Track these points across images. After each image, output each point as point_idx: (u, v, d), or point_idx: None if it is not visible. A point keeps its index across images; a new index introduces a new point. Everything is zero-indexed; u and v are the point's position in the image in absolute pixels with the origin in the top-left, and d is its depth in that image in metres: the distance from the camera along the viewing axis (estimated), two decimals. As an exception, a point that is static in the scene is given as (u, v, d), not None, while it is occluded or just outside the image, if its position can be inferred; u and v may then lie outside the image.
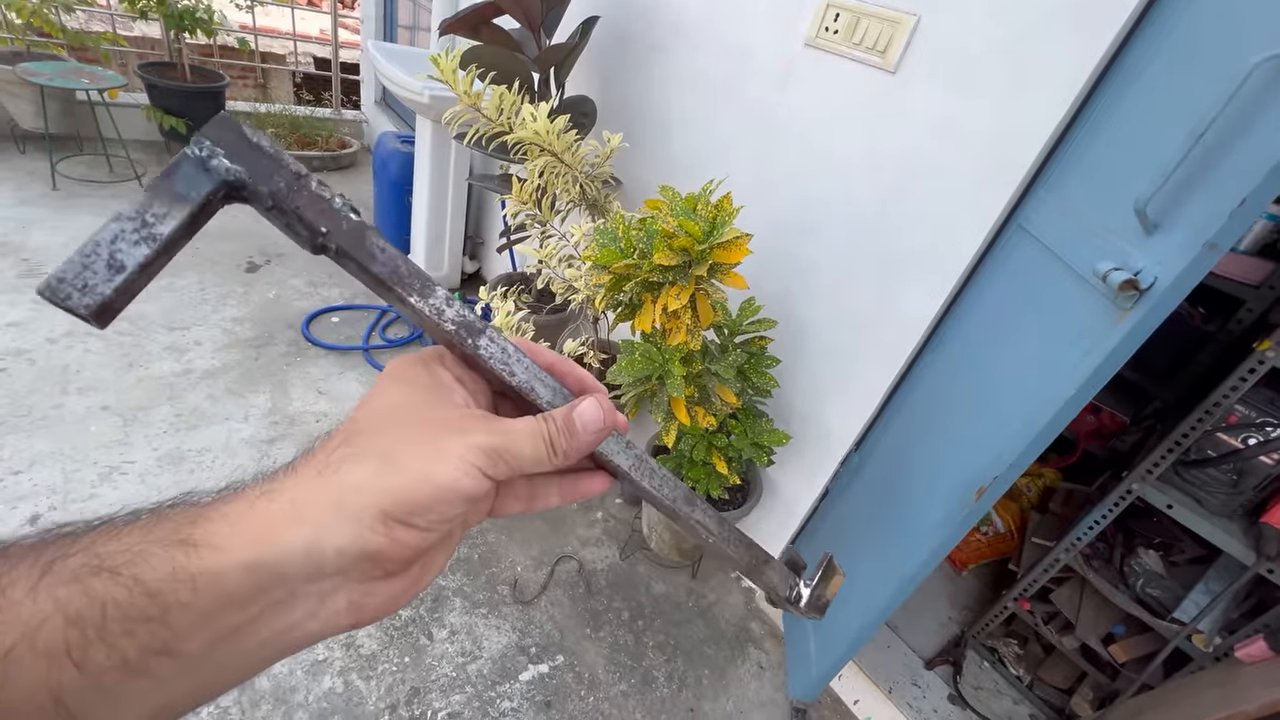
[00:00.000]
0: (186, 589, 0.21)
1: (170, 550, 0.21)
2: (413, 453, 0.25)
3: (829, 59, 1.32)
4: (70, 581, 0.19)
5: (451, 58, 1.39)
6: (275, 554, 0.22)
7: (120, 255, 0.22)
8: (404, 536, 0.24)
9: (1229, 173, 0.71)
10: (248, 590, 0.22)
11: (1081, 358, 0.85)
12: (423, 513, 0.25)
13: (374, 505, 0.24)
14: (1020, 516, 1.94)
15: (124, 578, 0.20)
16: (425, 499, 0.24)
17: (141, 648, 0.20)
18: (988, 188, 1.12)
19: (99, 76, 2.79)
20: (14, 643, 0.18)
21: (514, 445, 0.27)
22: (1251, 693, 1.10)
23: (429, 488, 0.25)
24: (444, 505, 0.25)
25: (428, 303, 0.28)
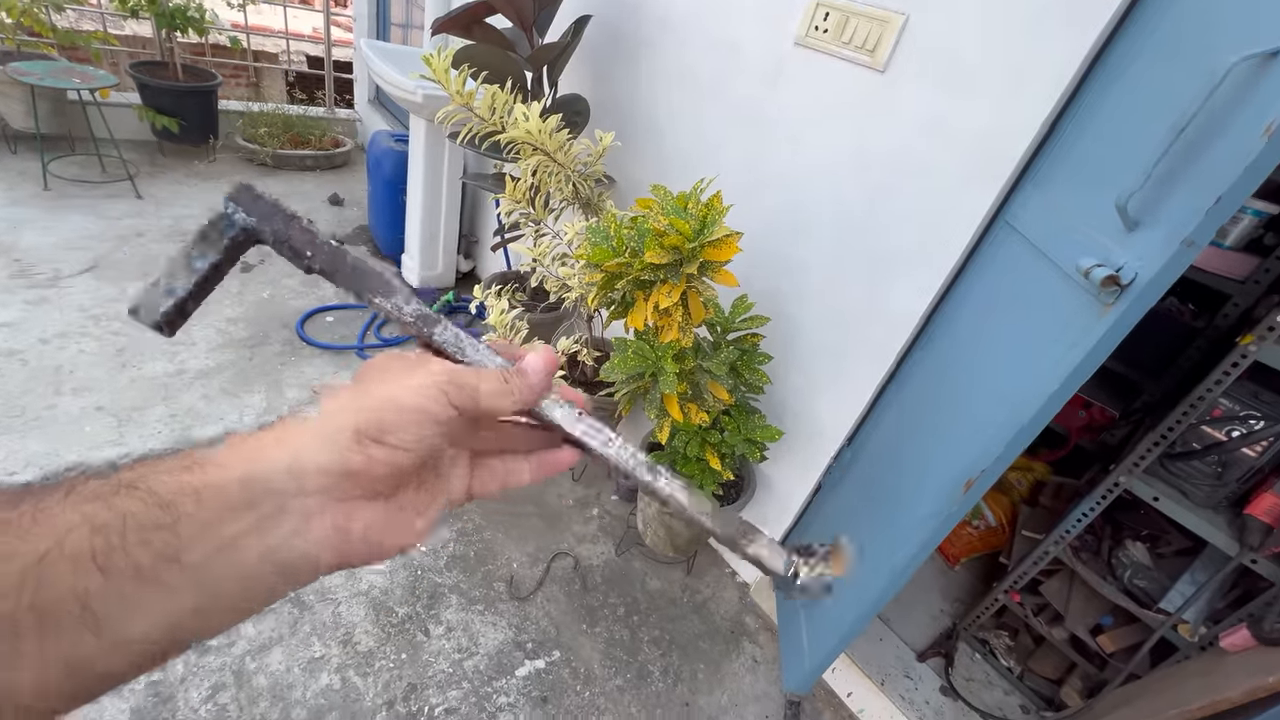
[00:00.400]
0: (192, 500, 0.24)
1: (178, 473, 0.24)
2: (383, 385, 0.29)
3: (818, 58, 1.33)
4: (94, 498, 0.22)
5: (444, 57, 1.40)
6: (263, 469, 0.25)
7: (173, 284, 0.32)
8: (378, 454, 0.27)
9: (1206, 171, 0.72)
10: (242, 501, 0.25)
11: (1065, 352, 0.87)
12: (394, 430, 0.27)
13: (348, 425, 0.27)
14: (1011, 510, 1.96)
15: (140, 491, 0.23)
16: (394, 418, 0.27)
17: (155, 555, 0.22)
18: (976, 186, 1.13)
19: (90, 76, 2.78)
20: (48, 549, 0.21)
21: (472, 379, 0.31)
22: (1235, 680, 1.12)
23: (395, 406, 0.28)
24: (413, 424, 0.28)
25: (390, 301, 0.34)
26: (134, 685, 1.27)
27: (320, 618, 1.47)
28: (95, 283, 2.33)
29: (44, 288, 2.24)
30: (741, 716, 1.51)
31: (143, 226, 2.74)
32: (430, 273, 2.77)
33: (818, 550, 0.37)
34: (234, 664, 1.35)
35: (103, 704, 1.23)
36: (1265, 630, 1.10)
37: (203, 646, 1.36)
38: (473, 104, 1.42)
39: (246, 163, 3.57)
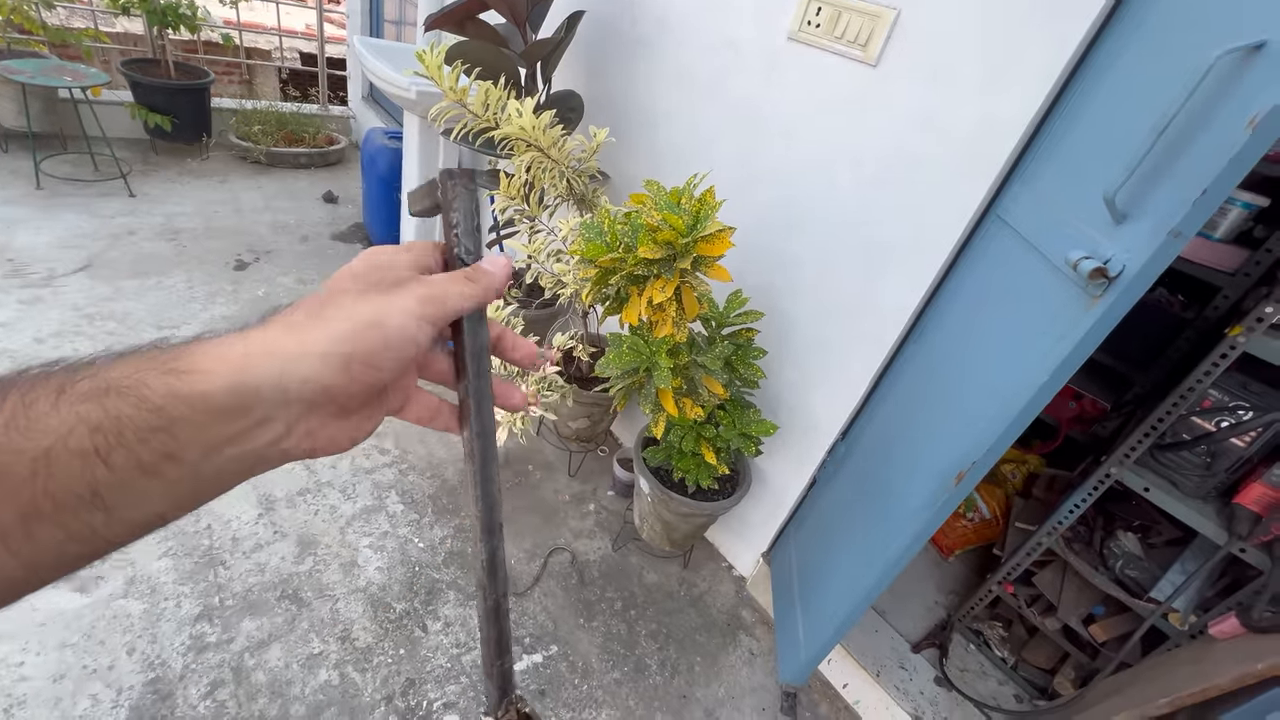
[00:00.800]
0: (184, 405, 0.25)
1: (165, 377, 0.25)
2: (370, 307, 0.29)
3: (811, 53, 1.33)
4: (85, 399, 0.23)
5: (437, 53, 1.40)
6: (252, 380, 0.26)
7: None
8: (361, 375, 0.28)
9: (1191, 163, 0.73)
10: (232, 409, 0.26)
11: (1054, 344, 0.88)
12: (380, 356, 0.29)
13: (338, 348, 0.28)
14: (1005, 502, 1.98)
15: (131, 396, 0.24)
16: (381, 345, 0.29)
17: (154, 452, 0.24)
18: (967, 179, 1.14)
19: (81, 74, 2.77)
20: (50, 445, 0.22)
21: (441, 288, 0.32)
22: (1224, 667, 1.13)
23: (383, 334, 0.29)
24: (396, 350, 0.29)
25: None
26: (131, 683, 1.28)
27: (318, 614, 1.48)
28: (89, 282, 2.33)
29: (38, 287, 2.24)
30: (738, 708, 1.52)
31: (136, 225, 2.73)
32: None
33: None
34: (232, 660, 1.35)
35: (100, 698, 1.24)
36: (1254, 618, 1.12)
37: (201, 644, 1.37)
38: (466, 100, 1.42)
39: (240, 160, 3.56)
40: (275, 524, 1.66)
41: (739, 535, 1.86)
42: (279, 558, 1.58)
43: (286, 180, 3.50)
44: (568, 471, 2.06)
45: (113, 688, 1.26)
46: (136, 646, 1.34)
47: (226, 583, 1.50)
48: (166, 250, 2.62)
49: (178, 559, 1.52)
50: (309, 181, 3.55)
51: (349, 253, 2.94)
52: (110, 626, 1.36)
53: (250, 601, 1.47)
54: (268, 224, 3.00)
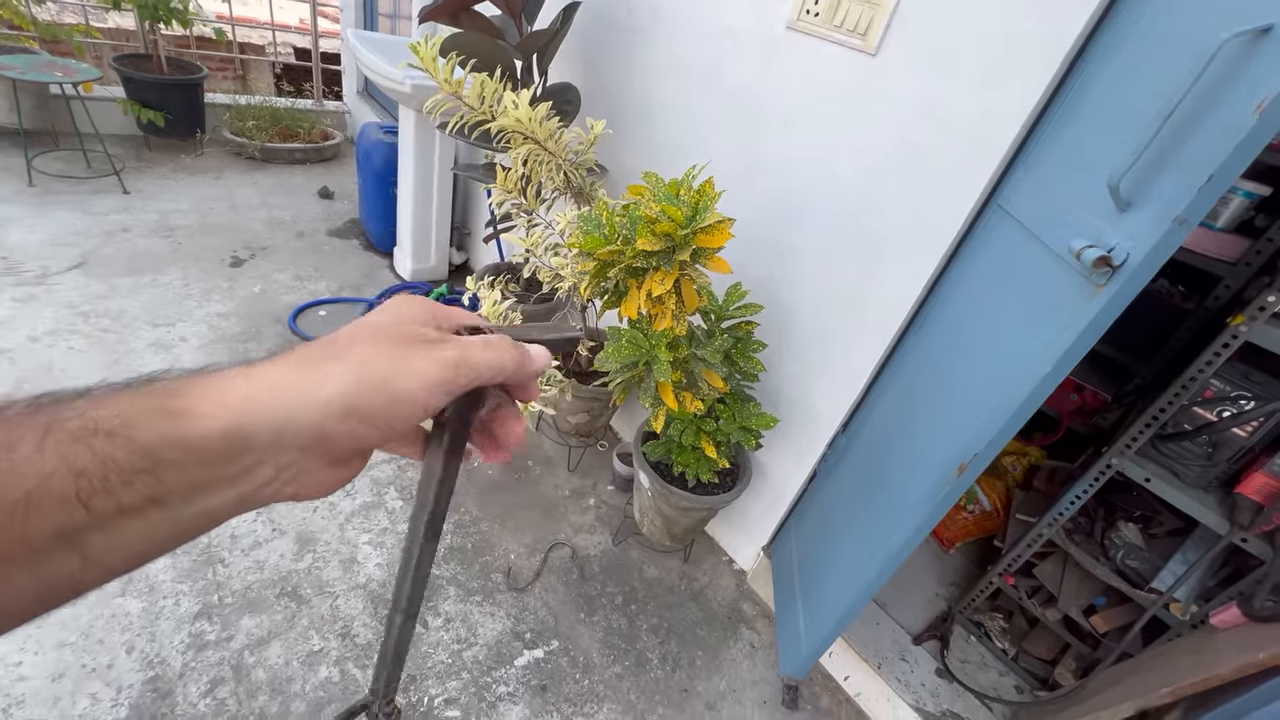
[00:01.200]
0: (175, 450, 0.24)
1: (158, 418, 0.24)
2: (384, 363, 0.28)
3: (810, 42, 1.32)
4: (73, 441, 0.22)
5: (431, 45, 1.38)
6: (249, 425, 0.25)
7: None
8: (359, 430, 0.28)
9: (1197, 149, 0.72)
10: (224, 454, 0.25)
11: (1057, 334, 0.87)
12: (382, 415, 0.28)
13: (340, 400, 0.27)
14: (1005, 494, 1.98)
15: (120, 439, 0.23)
16: (384, 403, 0.28)
17: (137, 495, 0.23)
18: (968, 169, 1.13)
19: (73, 69, 2.74)
20: (31, 489, 0.21)
21: (472, 355, 0.31)
22: (1226, 656, 1.13)
23: (390, 393, 0.28)
24: (402, 413, 0.28)
25: None
26: (130, 681, 1.27)
27: (318, 611, 1.48)
28: (84, 279, 2.31)
29: (32, 285, 2.22)
30: (740, 701, 1.52)
31: (130, 222, 2.72)
32: (423, 265, 2.75)
33: None
34: (232, 658, 1.35)
35: (99, 697, 1.23)
36: (1256, 607, 1.12)
37: (200, 642, 1.36)
38: (461, 92, 1.41)
39: (235, 157, 3.54)
40: (274, 521, 1.65)
41: (739, 529, 1.85)
42: (278, 555, 1.58)
43: (282, 176, 3.48)
44: (567, 466, 2.06)
45: (112, 686, 1.26)
46: (135, 645, 1.33)
47: (225, 580, 1.49)
48: (161, 247, 2.60)
49: (176, 557, 1.51)
50: (304, 177, 3.52)
51: (345, 248, 2.93)
52: (109, 625, 1.35)
53: (249, 599, 1.47)
54: (263, 220, 2.98)
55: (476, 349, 0.31)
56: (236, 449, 0.25)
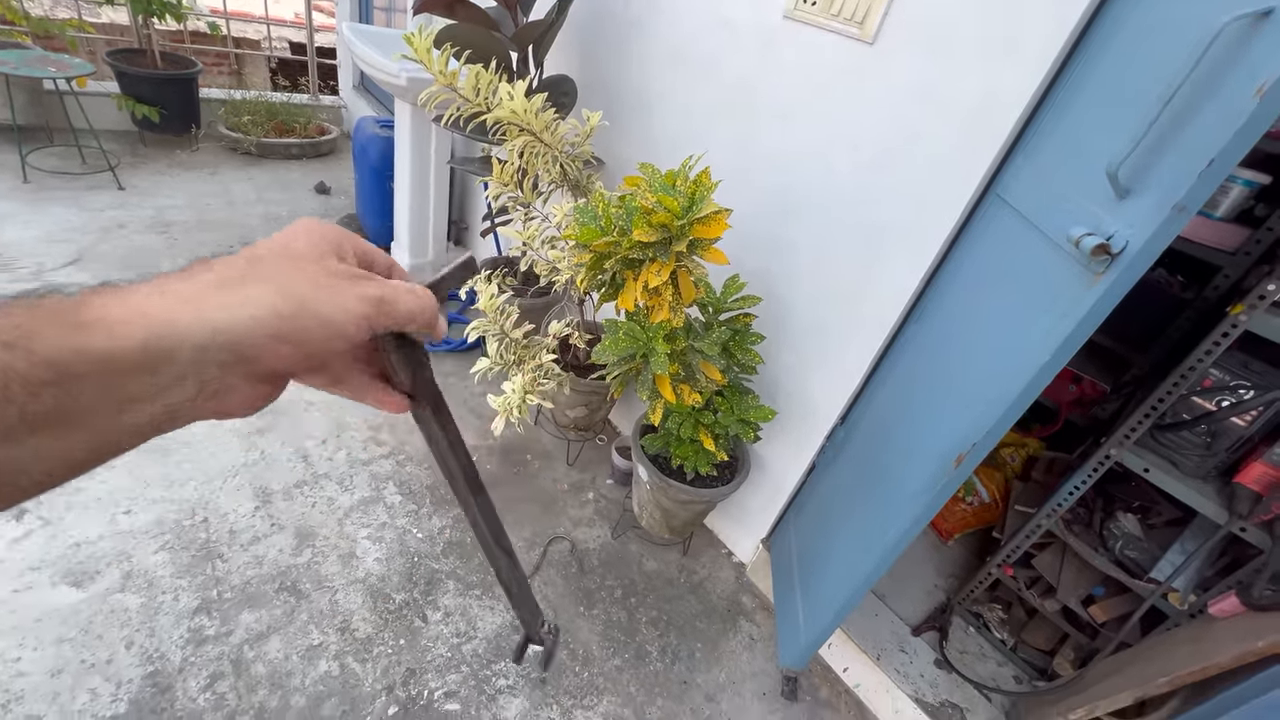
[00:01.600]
0: (87, 362, 0.23)
1: (62, 330, 0.23)
2: (310, 289, 0.28)
3: (807, 31, 1.31)
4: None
5: (426, 37, 1.37)
6: (170, 338, 0.25)
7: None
8: (283, 351, 0.28)
9: (1197, 135, 0.71)
10: (142, 367, 0.24)
11: (1056, 323, 0.87)
12: (306, 340, 0.28)
13: (269, 321, 0.27)
14: (1004, 485, 1.98)
15: (19, 350, 0.21)
16: (312, 328, 0.28)
17: (44, 408, 0.22)
18: (967, 158, 1.12)
19: (66, 64, 2.72)
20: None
21: (396, 296, 0.31)
22: (1224, 645, 1.13)
23: (317, 320, 0.28)
24: (325, 339, 0.29)
25: None
26: (130, 676, 1.27)
27: (317, 606, 1.48)
28: (80, 276, 2.30)
29: (27, 282, 2.21)
30: (739, 693, 1.52)
31: (125, 218, 2.70)
32: (420, 260, 2.74)
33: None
34: (232, 653, 1.35)
35: (99, 692, 1.23)
36: (1255, 596, 1.12)
37: (200, 637, 1.36)
38: (457, 84, 1.40)
39: (231, 152, 3.52)
40: (272, 516, 1.65)
41: (738, 521, 1.85)
42: (277, 550, 1.57)
43: (278, 171, 3.46)
44: (566, 460, 2.06)
45: (112, 681, 1.26)
46: (135, 640, 1.33)
47: (224, 575, 1.49)
48: (158, 243, 2.59)
49: (174, 552, 1.51)
50: (301, 172, 3.51)
51: (342, 244, 2.91)
52: (108, 621, 1.35)
53: (248, 594, 1.47)
54: (260, 216, 2.97)
55: (402, 293, 0.32)
56: (156, 362, 0.24)
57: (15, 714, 1.18)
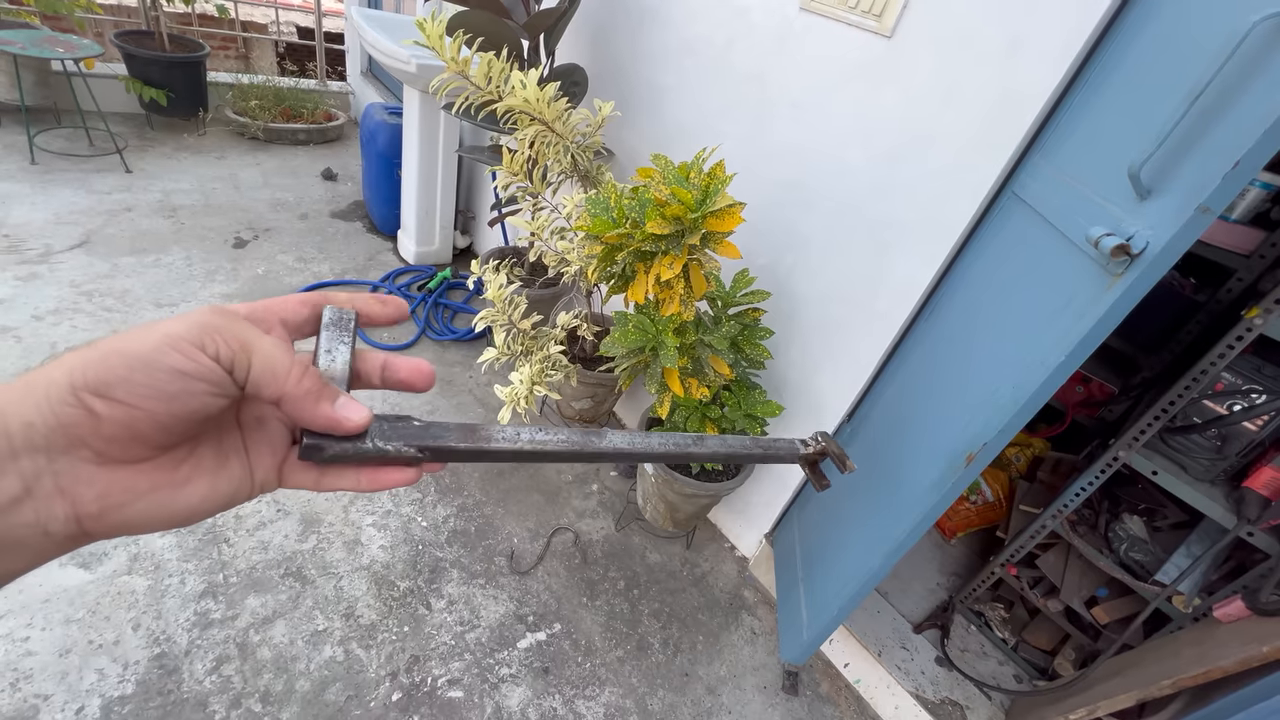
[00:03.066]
0: None
1: None
2: (122, 337, 0.25)
3: (824, 23, 1.29)
4: None
5: (438, 23, 1.36)
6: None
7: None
8: (101, 408, 0.23)
9: (1224, 135, 0.70)
10: None
11: (1072, 324, 0.86)
12: (117, 384, 0.23)
13: (64, 379, 0.23)
14: (1009, 485, 1.97)
15: None
16: (119, 368, 0.24)
17: None
18: (983, 154, 1.11)
19: (74, 45, 2.71)
20: None
21: (246, 334, 0.26)
22: (1229, 649, 1.13)
23: (124, 355, 0.24)
24: (141, 375, 0.24)
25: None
26: (137, 658, 1.28)
27: (322, 592, 1.48)
28: (87, 258, 2.30)
29: (35, 263, 2.21)
30: (740, 686, 1.53)
31: (132, 201, 2.70)
32: (427, 248, 2.73)
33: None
34: (238, 637, 1.36)
35: (106, 672, 1.24)
36: (1261, 601, 1.11)
37: (206, 620, 1.37)
38: (468, 72, 1.38)
39: (238, 136, 3.51)
40: (278, 502, 1.66)
41: (742, 515, 1.86)
42: (282, 535, 1.58)
43: (285, 157, 3.45)
44: (570, 452, 2.06)
45: (119, 662, 1.27)
46: (141, 622, 1.34)
47: (230, 560, 1.50)
48: (164, 227, 2.59)
49: (181, 536, 1.52)
50: (308, 158, 3.50)
51: (349, 231, 2.91)
52: (115, 602, 1.36)
53: (254, 579, 1.47)
54: (266, 201, 2.96)
55: (255, 333, 0.27)
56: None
57: (24, 692, 1.19)
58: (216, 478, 0.29)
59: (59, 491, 0.24)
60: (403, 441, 0.32)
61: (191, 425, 0.26)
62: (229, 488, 0.29)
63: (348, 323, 0.32)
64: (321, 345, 0.31)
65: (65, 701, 1.19)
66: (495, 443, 0.34)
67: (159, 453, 0.26)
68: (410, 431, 0.32)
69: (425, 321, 2.41)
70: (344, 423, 0.29)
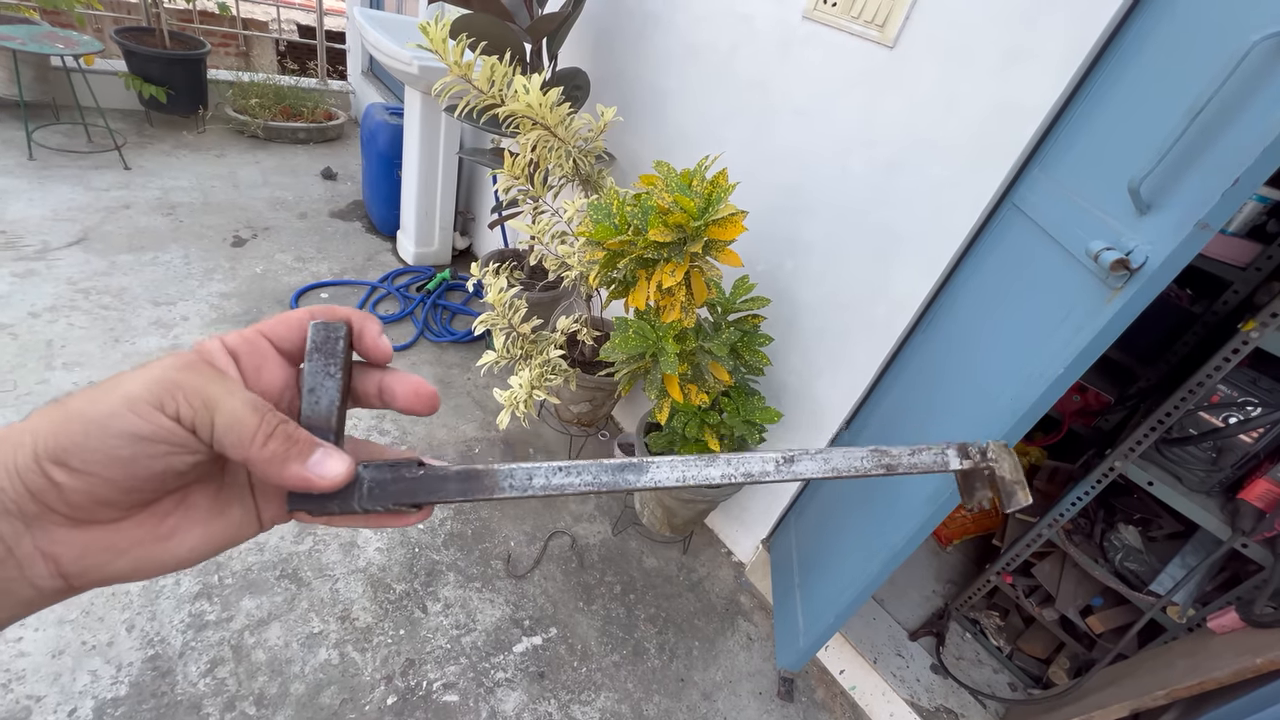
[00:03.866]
0: None
1: None
2: (87, 394, 0.24)
3: (827, 32, 1.30)
4: None
5: (441, 26, 1.36)
6: None
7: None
8: (58, 476, 0.23)
9: (1223, 152, 0.71)
10: None
11: (1071, 336, 0.86)
12: (74, 451, 0.23)
13: (29, 444, 0.23)
14: (1005, 493, 1.98)
15: None
16: (76, 434, 0.23)
17: None
18: (984, 166, 1.12)
19: (74, 41, 2.70)
20: None
21: (210, 391, 0.25)
22: (1223, 660, 1.14)
23: (83, 421, 0.23)
24: (95, 441, 0.23)
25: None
26: (130, 660, 1.28)
27: (318, 594, 1.48)
28: (84, 255, 2.29)
29: (32, 260, 2.20)
30: (736, 692, 1.53)
31: (131, 198, 2.69)
32: (426, 250, 2.73)
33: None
34: (232, 639, 1.35)
35: (99, 674, 1.23)
36: (1255, 613, 1.12)
37: (200, 622, 1.36)
38: (471, 75, 1.38)
39: (237, 134, 3.50)
40: (274, 503, 1.65)
41: (739, 521, 1.86)
42: (278, 537, 1.57)
43: (285, 156, 3.44)
44: (568, 455, 2.06)
45: (112, 664, 1.26)
46: (135, 624, 1.34)
47: (225, 561, 1.49)
48: (163, 225, 2.58)
49: (176, 537, 1.51)
50: (307, 157, 3.49)
51: (348, 231, 2.90)
52: (109, 604, 1.36)
53: (249, 580, 1.47)
54: (265, 200, 2.96)
55: (222, 387, 0.25)
56: None
57: (17, 694, 1.18)
58: (210, 526, 0.28)
59: (39, 552, 0.24)
60: (392, 500, 0.29)
61: (165, 482, 0.25)
62: (226, 533, 0.29)
63: (336, 343, 0.28)
64: (305, 383, 0.28)
65: (58, 703, 1.19)
66: (503, 491, 0.30)
67: (135, 510, 0.26)
68: (402, 487, 0.29)
69: (424, 323, 2.41)
70: (316, 482, 0.27)
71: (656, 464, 0.31)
